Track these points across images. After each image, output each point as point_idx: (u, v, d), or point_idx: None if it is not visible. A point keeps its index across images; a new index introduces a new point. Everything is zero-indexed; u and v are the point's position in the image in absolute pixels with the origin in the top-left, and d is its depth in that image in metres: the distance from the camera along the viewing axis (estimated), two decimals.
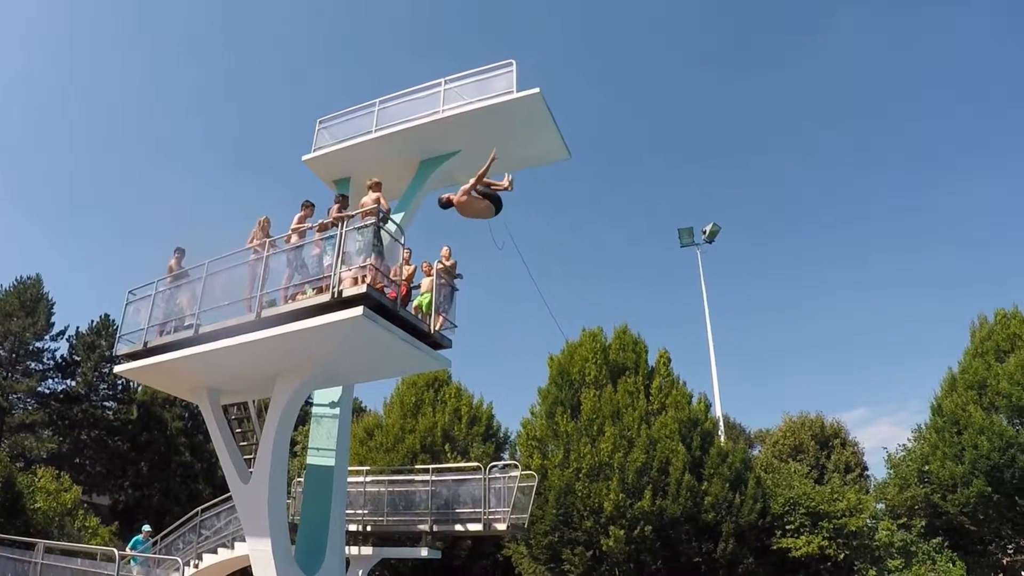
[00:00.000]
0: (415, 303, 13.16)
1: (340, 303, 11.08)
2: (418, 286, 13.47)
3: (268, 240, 12.58)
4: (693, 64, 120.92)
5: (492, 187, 12.16)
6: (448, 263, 13.64)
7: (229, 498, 16.25)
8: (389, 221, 12.94)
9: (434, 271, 13.14)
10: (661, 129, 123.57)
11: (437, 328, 12.81)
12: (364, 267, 11.34)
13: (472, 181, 11.95)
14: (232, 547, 18.11)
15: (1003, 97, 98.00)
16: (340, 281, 11.22)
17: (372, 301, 11.08)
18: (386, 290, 11.85)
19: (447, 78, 15.94)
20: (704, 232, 37.73)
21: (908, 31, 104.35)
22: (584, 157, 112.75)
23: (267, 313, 11.81)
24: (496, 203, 12.27)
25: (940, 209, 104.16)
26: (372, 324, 11.11)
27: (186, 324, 12.78)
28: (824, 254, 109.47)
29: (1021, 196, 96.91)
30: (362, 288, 11.00)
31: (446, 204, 12.33)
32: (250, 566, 13.21)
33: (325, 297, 11.22)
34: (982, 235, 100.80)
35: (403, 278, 12.75)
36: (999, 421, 25.47)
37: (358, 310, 10.79)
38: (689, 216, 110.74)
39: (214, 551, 18.74)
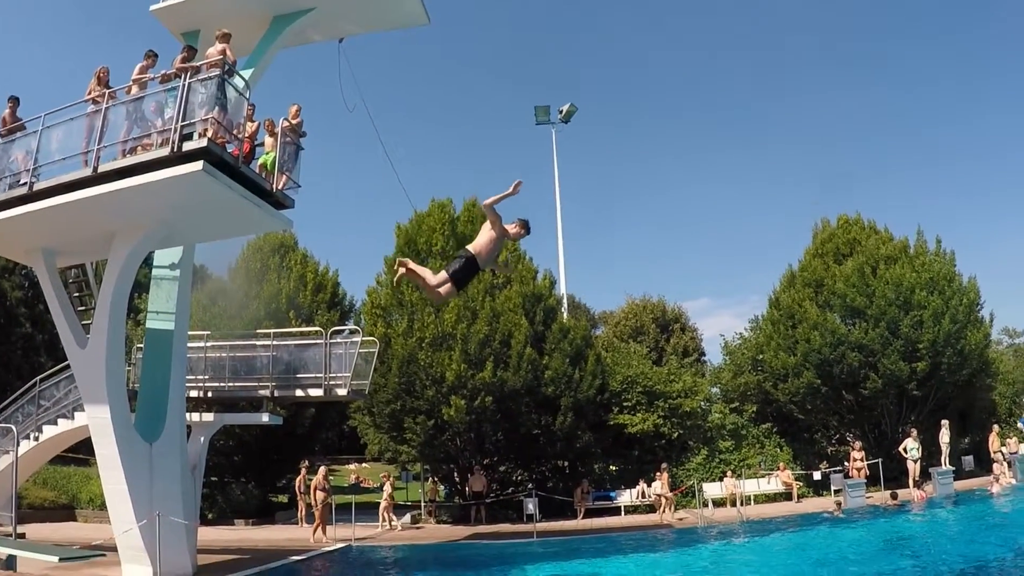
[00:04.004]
0: (259, 162, 13.43)
1: (180, 157, 11.32)
2: (262, 143, 13.68)
3: (108, 91, 12.52)
4: None
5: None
6: (295, 121, 13.91)
7: (69, 366, 16.16)
8: (236, 75, 13.27)
9: (279, 128, 13.41)
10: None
11: (280, 187, 13.26)
12: (206, 120, 11.52)
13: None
14: (72, 417, 18.08)
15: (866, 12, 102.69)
16: (180, 134, 11.40)
17: (213, 156, 11.42)
18: (229, 147, 12.10)
19: None
20: (560, 112, 38.63)
21: None
22: (444, 23, 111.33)
23: (104, 168, 11.95)
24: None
25: (796, 114, 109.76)
26: (212, 180, 11.48)
27: (20, 181, 12.80)
28: (680, 146, 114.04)
29: (874, 110, 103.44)
30: (203, 142, 11.26)
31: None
32: (91, 436, 13.78)
33: (164, 151, 11.42)
34: (831, 142, 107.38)
35: (247, 135, 12.97)
36: (832, 319, 27.40)
37: (198, 165, 11.14)
38: (547, 95, 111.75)
39: (54, 422, 18.74)
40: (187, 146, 11.40)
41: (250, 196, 12.62)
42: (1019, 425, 27.30)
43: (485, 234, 8.47)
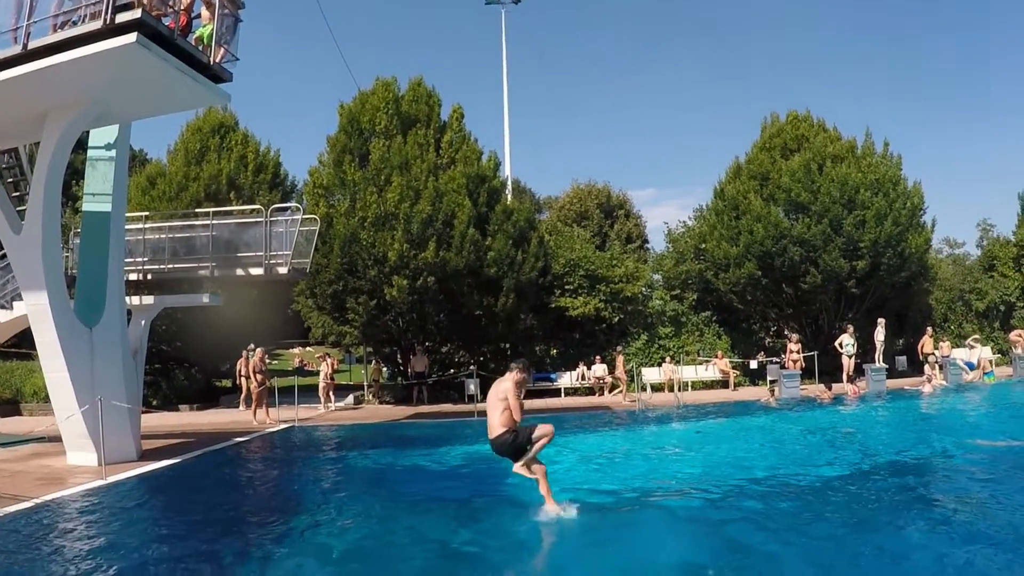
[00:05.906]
0: (196, 35, 13.08)
1: (112, 30, 11.10)
2: (199, 16, 13.26)
3: None
4: None
5: None
6: None
7: (5, 256, 16.03)
8: None
9: (216, 0, 13.04)
10: None
11: (217, 60, 13.06)
12: None
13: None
14: (10, 307, 17.98)
15: None
16: (114, 5, 11.13)
17: (147, 28, 11.22)
18: (164, 19, 11.87)
19: None
20: None
21: None
22: None
23: (35, 44, 11.68)
24: None
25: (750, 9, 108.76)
26: (147, 53, 11.29)
27: None
28: (633, 36, 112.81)
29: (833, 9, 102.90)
30: (137, 13, 11.04)
31: None
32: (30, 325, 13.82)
33: (96, 24, 11.15)
34: (782, 39, 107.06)
35: (182, 6, 12.62)
36: (776, 212, 27.90)
37: (131, 37, 10.93)
38: None
39: None
40: (120, 18, 11.14)
41: (186, 70, 12.43)
42: (960, 363, 28.16)
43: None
